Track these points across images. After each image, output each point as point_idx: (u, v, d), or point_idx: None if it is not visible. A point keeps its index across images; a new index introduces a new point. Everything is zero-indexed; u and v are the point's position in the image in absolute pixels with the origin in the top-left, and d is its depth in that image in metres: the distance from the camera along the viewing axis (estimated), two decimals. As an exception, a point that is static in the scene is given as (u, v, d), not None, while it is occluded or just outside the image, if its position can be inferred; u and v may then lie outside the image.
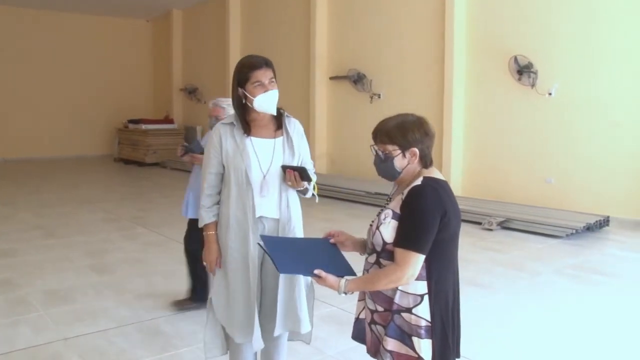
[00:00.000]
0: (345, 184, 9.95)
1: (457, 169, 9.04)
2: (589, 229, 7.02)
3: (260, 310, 2.79)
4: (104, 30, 17.06)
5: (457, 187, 9.03)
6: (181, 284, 5.14)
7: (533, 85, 8.09)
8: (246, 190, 2.70)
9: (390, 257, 2.01)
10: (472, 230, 7.30)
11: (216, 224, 2.80)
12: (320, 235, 2.37)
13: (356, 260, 2.34)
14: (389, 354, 2.01)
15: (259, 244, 2.32)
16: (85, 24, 16.70)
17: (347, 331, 4.06)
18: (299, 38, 12.04)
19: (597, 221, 7.10)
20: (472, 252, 6.34)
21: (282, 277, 2.74)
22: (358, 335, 2.27)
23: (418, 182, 2.02)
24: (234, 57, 13.73)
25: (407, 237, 1.95)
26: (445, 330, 2.01)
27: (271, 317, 2.80)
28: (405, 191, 2.03)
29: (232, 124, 2.78)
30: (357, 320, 2.27)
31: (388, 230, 2.01)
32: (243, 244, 2.71)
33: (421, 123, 2.10)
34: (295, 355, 3.64)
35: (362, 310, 2.23)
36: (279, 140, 2.78)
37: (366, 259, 2.17)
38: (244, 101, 2.71)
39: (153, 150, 14.89)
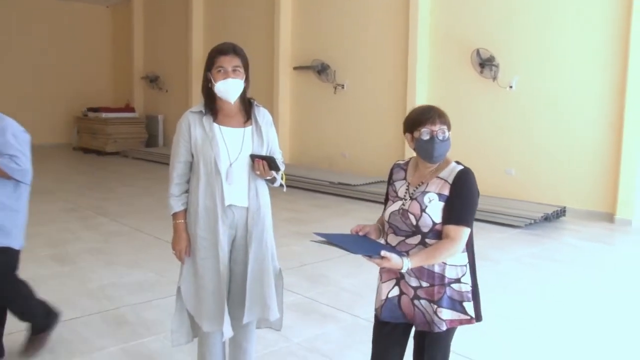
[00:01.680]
0: (309, 174, 9.98)
1: (419, 159, 9.16)
2: (546, 219, 7.23)
3: (229, 298, 2.81)
4: (63, 16, 16.58)
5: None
6: (146, 274, 5.10)
7: (495, 79, 8.26)
8: (215, 178, 2.70)
9: (437, 236, 2.24)
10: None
11: (185, 212, 2.79)
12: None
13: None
14: (444, 322, 2.26)
15: (314, 241, 2.27)
16: (42, 8, 16.18)
17: (313, 319, 4.15)
18: (263, 27, 11.97)
19: (554, 211, 7.33)
20: (434, 241, 6.47)
21: (251, 265, 2.76)
22: (390, 314, 2.37)
23: (459, 166, 2.31)
24: (197, 46, 13.57)
25: (461, 216, 2.21)
26: (478, 289, 2.35)
27: (240, 305, 2.82)
28: (446, 176, 2.28)
29: (201, 112, 2.76)
30: (387, 300, 2.37)
31: (437, 211, 2.23)
32: (212, 232, 2.72)
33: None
34: (262, 343, 3.67)
35: (392, 289, 2.36)
36: (248, 129, 2.79)
37: (400, 242, 2.31)
38: (209, 85, 2.72)
39: (113, 139, 14.61)
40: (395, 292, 2.35)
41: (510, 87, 8.16)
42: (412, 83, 9.20)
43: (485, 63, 8.23)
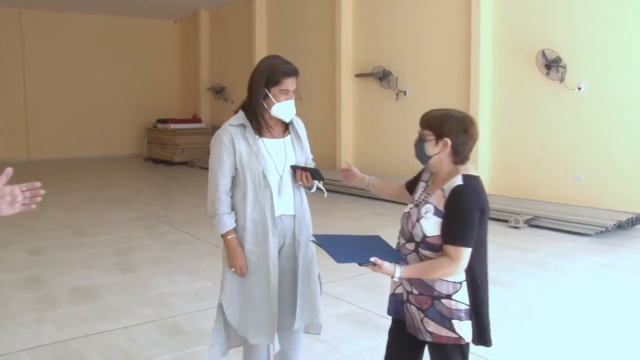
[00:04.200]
0: (371, 182, 9.87)
1: (483, 165, 8.91)
2: (620, 226, 6.84)
3: (278, 307, 2.80)
4: (133, 32, 17.26)
5: (484, 184, 8.86)
6: (204, 283, 5.18)
7: (562, 80, 7.92)
8: (264, 191, 2.70)
9: (429, 248, 2.21)
10: (498, 228, 7.18)
11: (234, 228, 2.77)
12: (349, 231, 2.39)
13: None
14: (429, 334, 2.24)
15: (312, 241, 2.41)
16: (114, 26, 16.91)
17: (367, 330, 4.07)
18: (325, 36, 12.01)
19: (629, 219, 6.91)
20: (497, 250, 6.24)
21: (300, 271, 2.79)
22: (395, 310, 2.43)
23: (459, 181, 2.19)
24: (260, 56, 13.74)
25: (457, 235, 2.14)
26: (483, 311, 2.23)
27: (286, 313, 2.83)
28: (447, 189, 2.20)
29: (242, 125, 2.75)
30: (393, 295, 2.44)
31: (429, 224, 2.20)
32: (261, 244, 2.72)
33: (463, 120, 2.25)
34: (312, 354, 3.65)
35: (398, 286, 2.40)
36: (288, 139, 2.82)
37: (402, 244, 2.34)
38: (262, 100, 2.71)
39: (181, 149, 15.04)
40: (400, 289, 2.39)
41: (579, 88, 7.80)
42: (475, 87, 8.96)
43: (552, 64, 7.90)
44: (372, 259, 2.16)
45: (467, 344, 2.24)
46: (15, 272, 5.54)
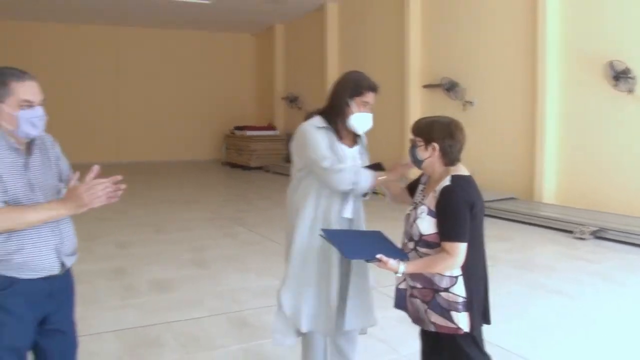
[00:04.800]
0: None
1: (549, 176, 8.81)
2: (694, 242, 6.64)
3: (337, 305, 2.98)
4: (214, 45, 18.19)
5: (550, 195, 8.80)
6: (272, 281, 5.49)
7: (631, 92, 7.74)
8: (337, 193, 2.91)
9: (426, 245, 2.44)
10: (562, 239, 7.14)
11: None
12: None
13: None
14: (432, 325, 2.45)
15: (321, 235, 2.60)
16: (196, 40, 17.93)
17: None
18: (393, 48, 12.18)
19: None
20: (559, 260, 6.24)
21: (354, 270, 2.94)
22: (399, 303, 2.65)
23: (447, 182, 2.41)
24: (332, 67, 14.11)
25: (450, 232, 2.36)
26: (479, 303, 2.45)
27: (342, 311, 2.98)
28: (437, 190, 2.42)
29: (326, 128, 2.93)
30: (398, 290, 2.64)
31: (424, 223, 2.43)
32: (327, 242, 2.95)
33: (449, 125, 2.46)
34: (370, 353, 3.81)
35: (402, 282, 2.61)
36: (356, 149, 3.04)
37: (405, 243, 2.58)
38: (345, 109, 2.91)
39: (257, 155, 15.63)
40: (404, 285, 2.60)
41: (650, 100, 7.62)
42: (541, 97, 8.87)
43: (620, 76, 7.75)
44: (378, 256, 2.37)
45: (480, 333, 2.45)
46: (103, 263, 6.08)
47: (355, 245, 2.56)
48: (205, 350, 3.95)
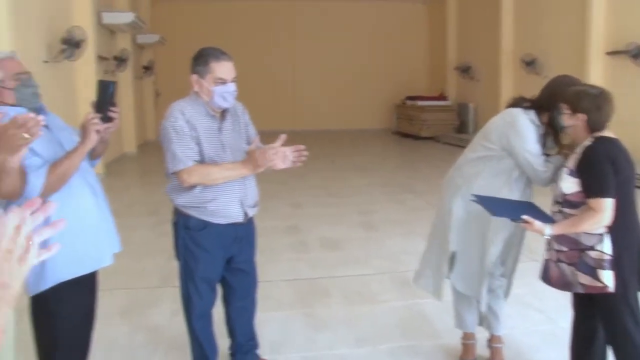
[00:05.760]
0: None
1: None
2: None
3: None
4: (385, 15, 18.30)
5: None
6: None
7: None
8: (522, 183, 2.96)
9: (570, 205, 2.48)
10: None
11: None
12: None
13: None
14: (580, 286, 2.48)
15: (472, 200, 2.72)
16: (369, 10, 18.18)
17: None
18: (574, 10, 11.06)
19: None
20: None
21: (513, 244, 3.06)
22: (543, 275, 2.69)
23: (589, 142, 2.45)
24: (506, 35, 13.46)
25: (593, 188, 2.38)
26: (631, 266, 2.43)
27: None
28: (579, 151, 2.46)
29: (538, 127, 2.90)
30: (545, 262, 2.68)
31: (565, 183, 2.49)
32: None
33: (597, 97, 2.44)
34: (526, 321, 3.89)
35: (548, 251, 2.65)
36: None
37: (553, 206, 2.62)
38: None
39: (427, 125, 15.60)
40: (548, 255, 2.64)
41: None
42: None
43: None
44: (524, 217, 2.43)
45: (634, 295, 2.42)
46: (280, 221, 6.66)
47: (504, 208, 2.65)
48: (368, 304, 4.26)
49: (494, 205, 2.64)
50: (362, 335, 3.73)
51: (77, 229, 2.32)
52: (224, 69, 2.70)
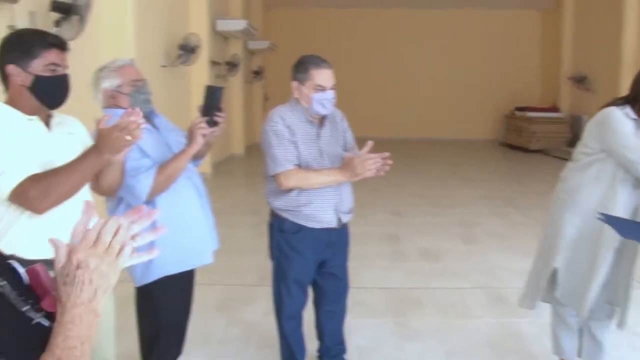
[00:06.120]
0: None
1: None
2: None
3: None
4: (495, 23, 17.66)
5: None
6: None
7: None
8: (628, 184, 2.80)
9: None
10: None
11: None
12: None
13: None
14: None
15: (599, 218, 2.51)
16: (477, 18, 17.62)
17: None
18: None
19: None
20: None
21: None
22: None
23: None
24: (628, 44, 12.65)
25: None
26: None
27: (604, 299, 2.96)
28: None
29: (636, 120, 2.79)
30: None
31: None
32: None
33: None
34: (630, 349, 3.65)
35: None
36: None
37: None
38: None
39: (537, 137, 14.95)
40: None
41: None
42: None
43: None
44: None
45: None
46: (378, 228, 6.66)
47: (634, 229, 2.48)
48: (461, 318, 4.18)
49: (623, 226, 2.48)
50: (453, 348, 3.67)
51: (182, 226, 2.49)
52: (323, 76, 2.76)
